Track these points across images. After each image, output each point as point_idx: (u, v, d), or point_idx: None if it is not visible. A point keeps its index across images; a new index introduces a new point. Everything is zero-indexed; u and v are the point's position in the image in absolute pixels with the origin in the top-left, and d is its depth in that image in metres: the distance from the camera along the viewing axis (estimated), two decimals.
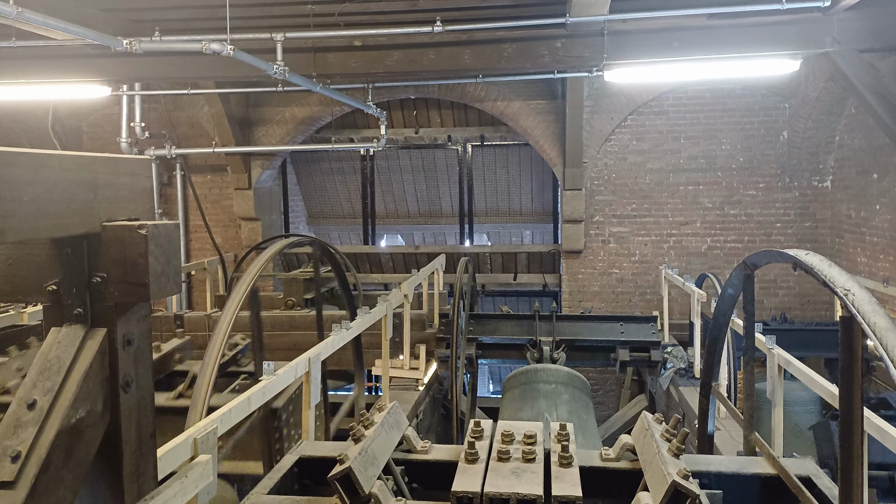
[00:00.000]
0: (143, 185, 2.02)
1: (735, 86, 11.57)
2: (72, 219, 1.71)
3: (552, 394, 6.38)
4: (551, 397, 6.30)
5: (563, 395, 6.34)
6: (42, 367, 1.74)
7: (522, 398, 6.47)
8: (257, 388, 3.71)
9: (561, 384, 6.51)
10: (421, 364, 8.17)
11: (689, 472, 2.52)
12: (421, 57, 8.99)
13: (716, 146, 11.82)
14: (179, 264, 1.98)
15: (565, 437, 3.18)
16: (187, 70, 9.40)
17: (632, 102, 11.81)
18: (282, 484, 3.18)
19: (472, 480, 2.81)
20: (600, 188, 12.16)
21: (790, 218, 11.71)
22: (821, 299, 11.50)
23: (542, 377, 6.66)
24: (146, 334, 1.96)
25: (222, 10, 7.41)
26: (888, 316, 2.15)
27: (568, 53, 8.70)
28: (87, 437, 1.76)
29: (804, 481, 3.04)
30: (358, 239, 15.42)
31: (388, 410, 3.30)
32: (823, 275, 2.43)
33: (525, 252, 13.37)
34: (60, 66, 9.22)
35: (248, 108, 12.89)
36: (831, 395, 4.13)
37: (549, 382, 6.56)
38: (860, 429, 2.39)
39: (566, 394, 6.37)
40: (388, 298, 6.55)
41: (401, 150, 14.45)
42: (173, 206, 13.49)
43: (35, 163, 1.60)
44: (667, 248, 12.10)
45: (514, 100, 12.03)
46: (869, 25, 8.02)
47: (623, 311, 11.94)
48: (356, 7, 8.79)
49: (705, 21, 8.42)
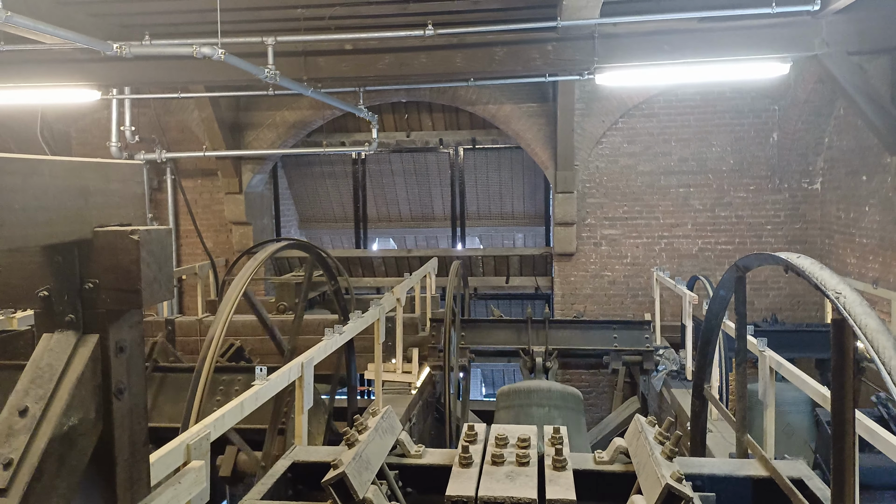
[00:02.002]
0: (134, 191, 2.01)
1: (725, 88, 11.63)
2: (63, 226, 1.70)
3: (545, 418, 6.53)
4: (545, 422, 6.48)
5: (557, 419, 6.48)
6: (34, 375, 1.73)
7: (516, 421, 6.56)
8: (250, 392, 3.70)
9: (554, 407, 6.67)
10: (413, 368, 8.17)
11: (682, 474, 2.53)
12: (412, 60, 8.99)
13: (706, 148, 11.88)
14: (171, 270, 1.97)
15: (559, 440, 3.19)
16: (178, 74, 9.36)
17: (623, 105, 11.85)
18: (275, 489, 3.17)
19: (467, 484, 2.81)
20: (592, 191, 12.19)
21: (780, 219, 11.77)
22: (811, 300, 11.57)
23: (535, 399, 6.81)
24: (139, 341, 1.95)
25: (213, 14, 7.39)
26: (879, 318, 2.16)
27: (559, 57, 8.72)
28: (80, 445, 1.74)
29: (796, 483, 3.05)
30: (350, 243, 15.39)
31: (381, 415, 3.29)
32: (815, 277, 2.44)
33: (517, 255, 13.38)
34: (49, 71, 9.16)
35: (238, 111, 12.85)
36: (822, 398, 4.15)
37: (542, 406, 6.71)
38: (852, 430, 2.40)
39: (559, 418, 6.54)
40: (381, 302, 6.54)
41: (392, 154, 14.44)
42: (164, 211, 13.43)
43: (25, 169, 1.59)
44: (658, 251, 12.14)
45: (506, 103, 12.05)
46: (857, 28, 8.08)
47: (615, 314, 11.97)
48: (347, 11, 8.79)
49: (696, 24, 8.46)
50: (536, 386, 7.07)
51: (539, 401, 6.77)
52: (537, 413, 6.62)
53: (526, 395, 6.90)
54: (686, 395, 7.55)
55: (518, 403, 6.85)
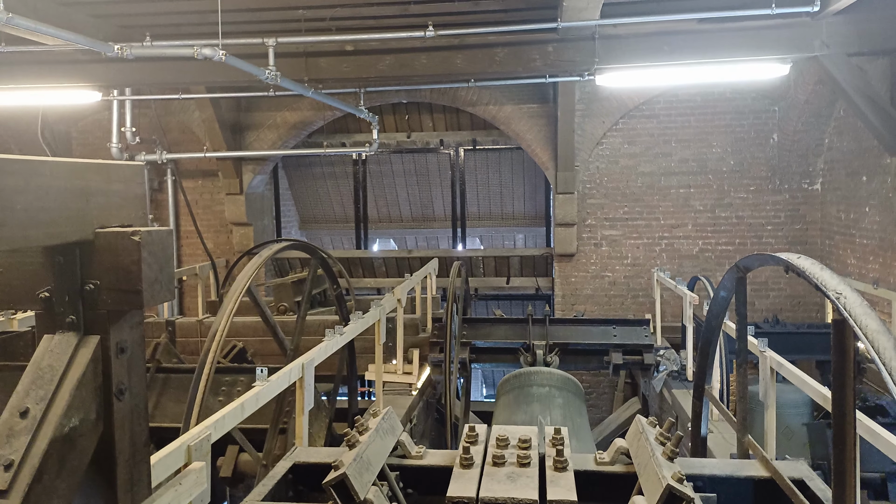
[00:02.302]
0: (135, 192, 2.01)
1: (725, 89, 11.63)
2: (64, 226, 1.70)
3: (546, 397, 6.38)
4: (545, 401, 6.31)
5: (557, 398, 6.35)
6: (35, 376, 1.73)
7: (516, 402, 6.47)
8: (251, 394, 3.70)
9: (555, 388, 6.52)
10: (414, 368, 8.16)
11: (683, 475, 2.53)
12: (413, 61, 9.00)
13: (706, 149, 11.88)
14: (173, 271, 1.97)
15: (560, 441, 3.18)
16: (179, 75, 9.37)
17: (623, 106, 11.85)
18: (276, 491, 3.17)
19: (468, 485, 2.81)
20: (592, 191, 12.19)
21: (780, 220, 11.77)
22: (811, 301, 11.56)
23: (536, 380, 6.67)
24: (139, 342, 1.95)
25: (213, 15, 7.40)
26: (879, 318, 2.16)
27: (559, 58, 8.73)
28: (81, 446, 1.74)
29: (797, 484, 3.05)
30: (350, 243, 15.39)
31: (382, 416, 3.29)
32: (816, 278, 2.44)
33: (518, 255, 13.38)
34: (51, 72, 9.18)
35: (239, 112, 12.86)
36: (823, 398, 4.15)
37: (542, 385, 6.57)
38: (853, 431, 2.40)
39: (560, 398, 6.38)
40: (382, 303, 6.54)
41: (393, 155, 14.45)
42: (164, 212, 13.44)
43: (27, 170, 1.59)
44: (658, 251, 12.14)
45: (506, 104, 12.05)
46: (857, 29, 8.09)
47: (616, 315, 11.97)
48: (348, 12, 8.79)
49: (696, 25, 8.47)
50: (537, 369, 6.96)
51: (540, 381, 6.62)
52: (538, 392, 6.44)
53: (526, 376, 6.79)
54: (686, 396, 7.55)
55: (518, 385, 6.71)
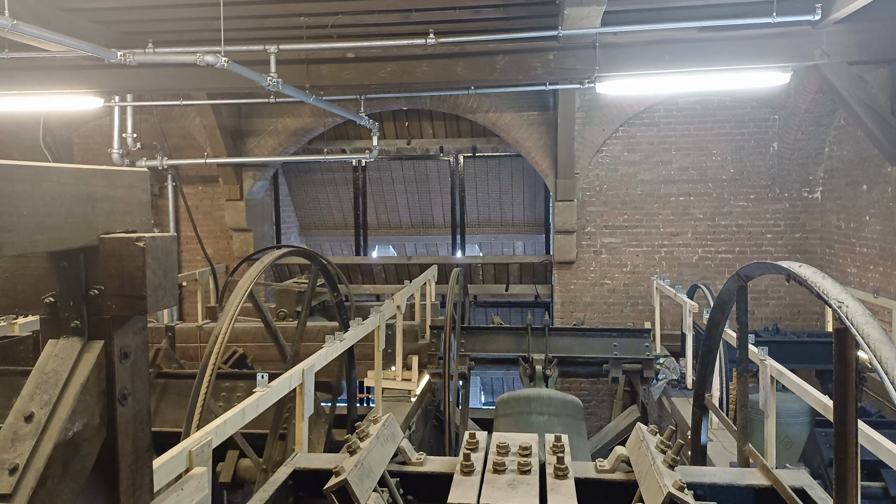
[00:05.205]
0: (139, 198, 2.01)
1: (725, 97, 11.67)
2: (70, 232, 1.71)
3: (545, 426, 6.53)
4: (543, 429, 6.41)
5: (557, 427, 6.47)
6: (39, 380, 1.73)
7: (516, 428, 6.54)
8: (251, 399, 3.70)
9: (553, 415, 6.63)
10: (413, 375, 8.15)
11: (684, 483, 2.53)
12: (414, 69, 9.02)
13: (706, 157, 11.90)
14: (176, 277, 1.98)
15: (560, 448, 3.19)
16: (180, 81, 9.39)
17: (623, 114, 11.88)
18: (276, 497, 3.16)
19: (468, 492, 2.81)
20: (592, 199, 12.21)
21: (780, 229, 11.78)
22: (812, 310, 11.57)
23: (535, 408, 6.78)
24: (143, 347, 1.95)
25: (216, 21, 7.43)
26: (881, 327, 2.17)
27: (560, 66, 8.76)
28: (85, 451, 1.74)
29: (798, 492, 3.05)
30: (350, 250, 15.40)
31: (383, 422, 3.29)
32: (817, 287, 2.45)
33: (517, 263, 13.39)
34: (53, 78, 9.20)
35: (240, 119, 12.89)
36: (824, 407, 4.15)
37: (541, 413, 6.68)
38: (854, 440, 2.40)
39: (559, 425, 6.51)
40: (381, 310, 6.55)
41: (393, 161, 14.47)
42: (165, 218, 13.45)
43: (33, 176, 1.59)
44: (658, 259, 12.15)
45: (506, 111, 12.08)
46: (858, 38, 8.12)
47: (615, 322, 11.98)
48: (349, 19, 8.82)
49: (696, 34, 8.50)
50: (536, 394, 7.06)
51: (539, 409, 6.75)
52: (537, 421, 6.60)
53: (525, 402, 6.89)
54: (686, 404, 7.54)
55: (518, 411, 6.84)
